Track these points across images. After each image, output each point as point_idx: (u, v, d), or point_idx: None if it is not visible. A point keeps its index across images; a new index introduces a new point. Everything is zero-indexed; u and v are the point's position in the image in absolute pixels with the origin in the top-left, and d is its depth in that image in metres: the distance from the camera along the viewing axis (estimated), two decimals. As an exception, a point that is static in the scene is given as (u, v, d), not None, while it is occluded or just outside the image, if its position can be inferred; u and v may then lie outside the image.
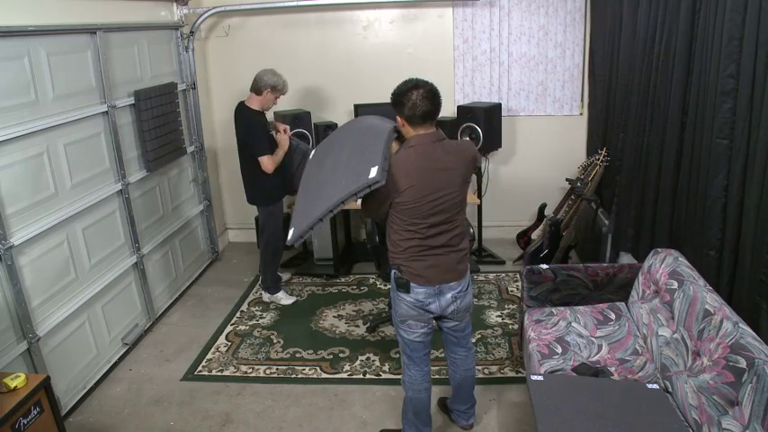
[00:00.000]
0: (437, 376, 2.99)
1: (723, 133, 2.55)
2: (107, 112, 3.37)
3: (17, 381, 2.24)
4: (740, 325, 2.01)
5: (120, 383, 3.28)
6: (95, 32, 3.26)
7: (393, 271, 2.36)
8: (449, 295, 2.35)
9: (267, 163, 3.59)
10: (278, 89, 3.66)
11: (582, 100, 4.65)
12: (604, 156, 4.03)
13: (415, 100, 2.15)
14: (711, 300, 2.21)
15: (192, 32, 4.41)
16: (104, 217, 3.38)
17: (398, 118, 2.23)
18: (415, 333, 2.40)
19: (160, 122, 3.83)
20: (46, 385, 2.34)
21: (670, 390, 2.23)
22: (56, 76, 2.95)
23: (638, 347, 2.56)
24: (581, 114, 4.68)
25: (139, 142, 3.69)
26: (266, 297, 4.13)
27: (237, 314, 4.00)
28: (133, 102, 3.61)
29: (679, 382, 2.17)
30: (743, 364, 1.86)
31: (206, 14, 4.46)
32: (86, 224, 3.21)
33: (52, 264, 2.95)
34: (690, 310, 2.28)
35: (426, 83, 2.21)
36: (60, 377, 2.94)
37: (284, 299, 4.11)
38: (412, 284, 2.30)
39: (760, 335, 2.01)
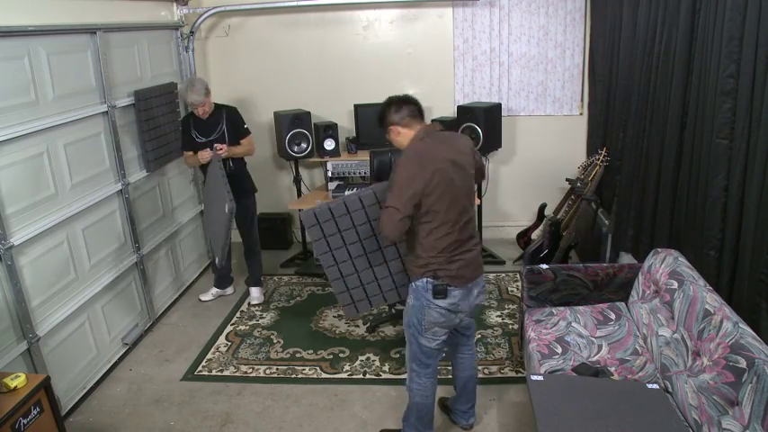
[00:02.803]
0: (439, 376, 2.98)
1: (723, 133, 2.55)
2: (107, 112, 3.37)
3: (17, 381, 2.24)
4: (740, 325, 2.01)
5: (120, 383, 3.28)
6: (95, 32, 3.26)
7: (424, 280, 2.29)
8: (475, 291, 2.38)
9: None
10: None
11: (582, 100, 4.65)
12: (604, 156, 4.02)
13: (397, 104, 2.30)
14: (711, 300, 2.21)
15: (191, 32, 4.41)
16: (104, 217, 3.38)
17: (392, 129, 2.32)
18: (437, 341, 2.38)
19: (160, 122, 3.84)
20: (46, 385, 2.34)
21: (670, 390, 2.23)
22: (56, 76, 2.95)
23: (638, 347, 2.56)
24: (581, 114, 4.68)
25: (139, 142, 3.69)
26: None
27: (237, 314, 4.00)
28: (133, 102, 3.61)
29: (679, 382, 2.17)
30: (743, 364, 1.86)
31: (206, 14, 4.46)
32: (86, 224, 3.21)
33: (52, 264, 2.94)
34: (690, 310, 2.28)
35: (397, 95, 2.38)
36: (60, 377, 2.94)
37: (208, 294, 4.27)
38: (449, 288, 2.27)
39: (760, 335, 2.01)
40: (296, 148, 4.37)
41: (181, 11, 4.34)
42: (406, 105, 2.30)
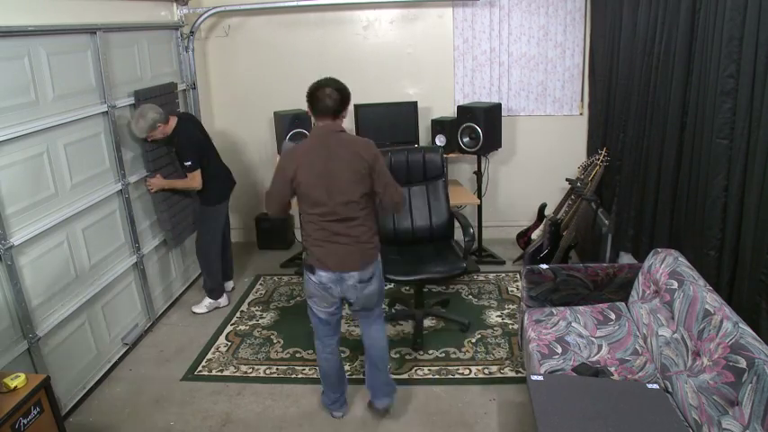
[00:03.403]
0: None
1: (723, 133, 2.55)
2: (107, 112, 3.37)
3: (17, 381, 2.24)
4: (740, 325, 2.01)
5: (120, 383, 3.28)
6: (95, 32, 3.26)
7: (304, 253, 2.61)
8: (350, 282, 2.54)
9: None
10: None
11: (582, 100, 4.65)
12: (604, 156, 4.03)
13: (318, 95, 2.48)
14: (711, 300, 2.21)
15: (191, 32, 4.41)
16: (104, 217, 3.38)
17: (309, 110, 2.56)
18: (320, 311, 2.65)
19: (160, 122, 3.83)
20: (46, 385, 2.34)
21: (670, 390, 2.23)
22: (56, 76, 2.95)
23: (638, 347, 2.56)
24: (581, 114, 4.68)
25: (139, 142, 3.69)
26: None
27: (237, 314, 4.00)
28: (133, 102, 3.60)
29: (679, 382, 2.17)
30: (743, 364, 1.86)
31: (206, 14, 4.46)
32: (86, 224, 3.21)
33: (52, 264, 2.94)
34: (690, 310, 2.28)
35: (334, 83, 2.54)
36: (60, 377, 2.94)
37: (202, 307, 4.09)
38: (315, 267, 2.52)
39: (760, 335, 2.01)
40: (296, 148, 4.36)
41: (181, 11, 4.34)
42: (324, 100, 2.48)
